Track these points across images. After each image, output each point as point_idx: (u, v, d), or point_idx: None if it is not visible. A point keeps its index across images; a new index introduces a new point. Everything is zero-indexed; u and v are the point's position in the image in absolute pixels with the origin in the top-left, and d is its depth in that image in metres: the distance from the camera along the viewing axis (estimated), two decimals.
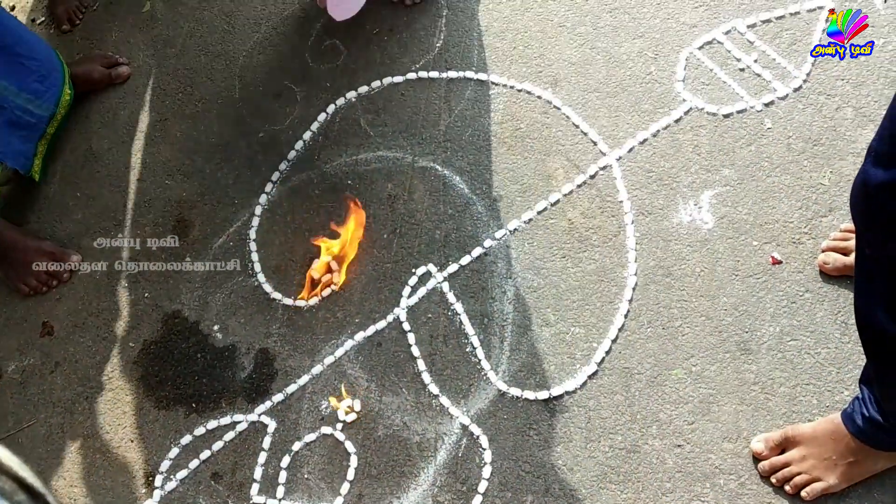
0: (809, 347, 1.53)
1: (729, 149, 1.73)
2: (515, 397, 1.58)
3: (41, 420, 1.69)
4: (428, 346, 1.64)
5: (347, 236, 1.73)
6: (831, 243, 1.59)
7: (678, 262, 1.65)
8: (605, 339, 1.60)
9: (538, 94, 1.87)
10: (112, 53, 2.13)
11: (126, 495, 1.59)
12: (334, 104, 1.95)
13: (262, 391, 1.65)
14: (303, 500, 1.54)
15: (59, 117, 1.96)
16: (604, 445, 1.52)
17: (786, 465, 1.42)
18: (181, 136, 1.98)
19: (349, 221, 1.75)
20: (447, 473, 1.53)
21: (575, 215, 1.73)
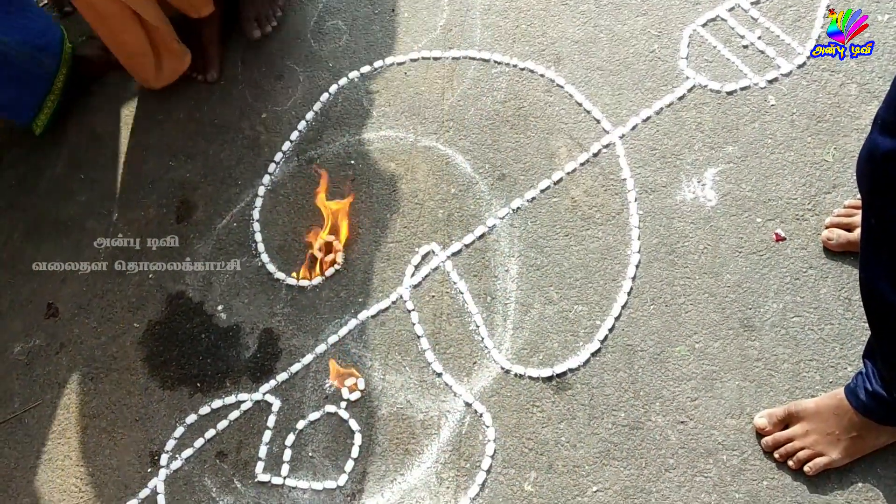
0: (813, 324, 1.53)
1: (732, 126, 1.73)
2: (519, 375, 1.58)
3: (47, 401, 1.70)
4: (431, 324, 1.65)
5: (330, 210, 1.75)
6: (835, 219, 1.58)
7: (681, 240, 1.64)
8: (609, 317, 1.60)
9: (541, 73, 1.87)
10: None
11: (132, 474, 1.60)
12: (336, 84, 1.94)
13: (267, 370, 1.66)
14: (307, 477, 1.55)
15: (64, 71, 1.96)
16: (607, 422, 1.52)
17: (789, 441, 1.42)
18: (184, 118, 1.98)
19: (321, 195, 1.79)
20: (451, 451, 1.53)
21: (578, 193, 1.72)
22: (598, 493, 1.47)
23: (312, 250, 1.72)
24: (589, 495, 1.47)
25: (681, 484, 1.45)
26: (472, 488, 1.50)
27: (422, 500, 1.50)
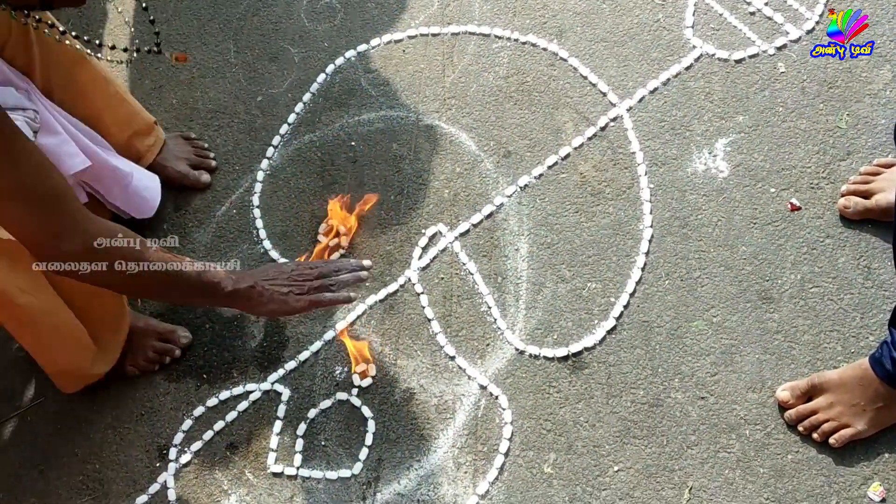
0: (832, 294, 1.51)
1: (742, 95, 1.69)
2: (534, 356, 1.55)
3: (50, 397, 1.65)
4: (442, 307, 1.61)
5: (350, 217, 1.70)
6: (851, 187, 1.56)
7: (694, 213, 1.61)
8: (623, 294, 1.57)
9: (544, 46, 1.82)
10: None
11: (140, 469, 1.56)
12: (333, 64, 1.89)
13: (274, 359, 1.62)
14: (321, 467, 1.52)
15: None
16: (625, 400, 1.49)
17: (813, 413, 1.40)
18: (177, 104, 1.92)
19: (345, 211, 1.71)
20: (467, 435, 1.50)
21: (587, 168, 1.69)
22: (619, 472, 1.44)
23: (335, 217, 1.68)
24: (610, 475, 1.44)
25: (704, 461, 1.43)
26: (491, 472, 1.47)
27: (439, 485, 1.47)
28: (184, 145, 1.80)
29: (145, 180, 1.66)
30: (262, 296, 1.33)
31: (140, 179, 1.64)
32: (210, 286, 1.29)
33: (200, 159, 1.80)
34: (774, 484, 1.40)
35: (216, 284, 1.29)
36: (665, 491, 1.42)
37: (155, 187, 1.69)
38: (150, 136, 1.71)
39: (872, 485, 1.37)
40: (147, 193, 1.67)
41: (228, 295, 1.30)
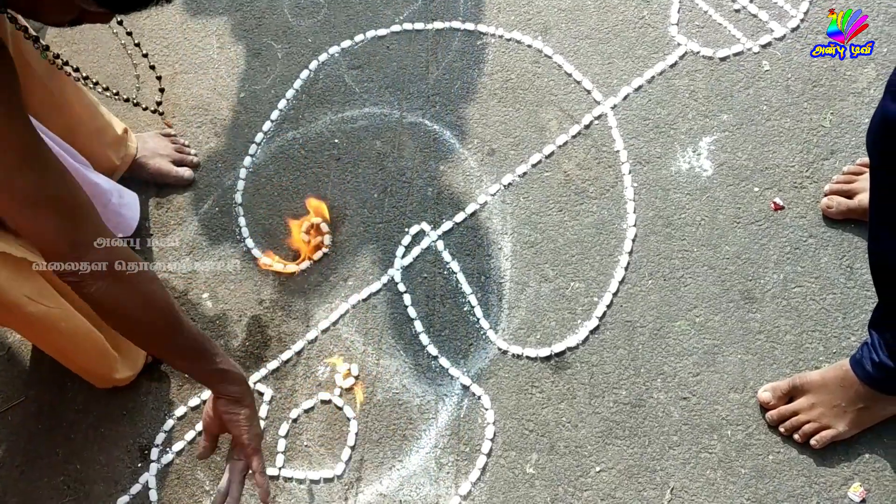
0: (814, 294, 1.51)
1: (726, 93, 1.69)
2: (516, 355, 1.54)
3: (31, 397, 1.64)
4: (425, 306, 1.60)
5: None
6: (834, 186, 1.55)
7: (678, 212, 1.61)
8: (606, 293, 1.56)
9: (528, 43, 1.81)
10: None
11: (122, 469, 1.56)
12: (317, 60, 1.88)
13: (256, 359, 1.61)
14: (303, 467, 1.51)
15: None
16: (608, 401, 1.49)
17: (794, 414, 1.40)
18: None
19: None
20: (450, 435, 1.50)
21: (570, 167, 1.68)
22: (601, 472, 1.44)
23: (295, 240, 1.67)
24: (592, 476, 1.44)
25: (685, 461, 1.43)
26: (473, 472, 1.47)
27: (422, 486, 1.47)
28: (164, 142, 1.79)
29: (125, 197, 1.65)
30: (243, 401, 1.27)
31: (120, 197, 1.62)
32: (208, 352, 1.22)
33: (181, 156, 1.79)
34: (756, 484, 1.40)
35: (214, 354, 1.23)
36: (647, 491, 1.43)
37: (134, 205, 1.68)
38: (122, 146, 1.69)
39: (853, 485, 1.38)
40: (126, 211, 1.65)
41: (220, 371, 1.23)
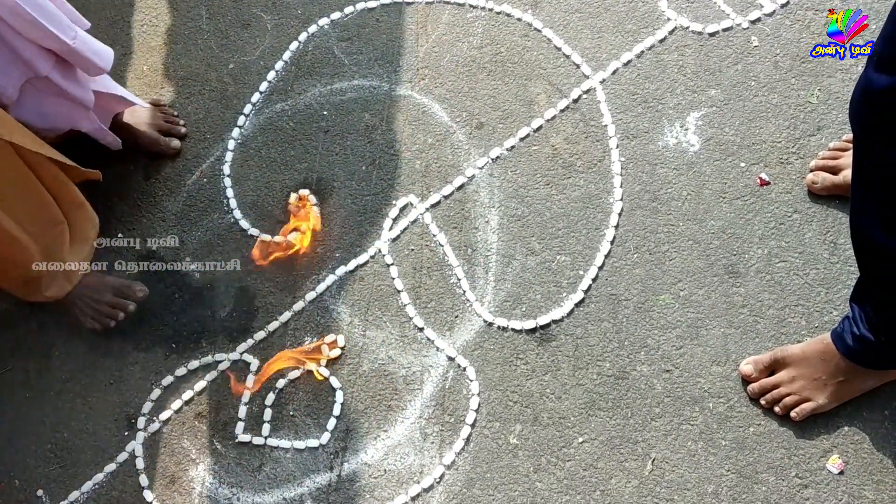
0: (798, 268, 1.51)
1: (715, 68, 1.69)
2: (502, 328, 1.55)
3: (17, 367, 1.65)
4: (411, 278, 1.61)
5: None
6: (820, 162, 1.56)
7: (664, 186, 1.61)
8: (592, 267, 1.57)
9: (518, 17, 1.80)
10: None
11: (109, 438, 1.57)
12: (306, 32, 1.87)
13: (243, 329, 1.62)
14: (289, 437, 1.52)
15: None
16: (592, 373, 1.50)
17: (775, 387, 1.41)
18: (148, 70, 1.89)
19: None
20: (434, 406, 1.51)
21: (558, 141, 1.68)
22: (584, 443, 1.46)
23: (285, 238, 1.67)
24: (575, 446, 1.46)
25: (667, 433, 1.45)
26: (457, 443, 1.48)
27: (406, 455, 1.49)
28: (153, 112, 1.78)
29: (92, 43, 1.51)
30: None
31: (85, 42, 1.48)
32: None
33: (170, 126, 1.78)
34: (736, 456, 1.42)
35: None
36: (628, 462, 1.44)
37: (106, 50, 1.54)
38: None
39: (831, 457, 1.39)
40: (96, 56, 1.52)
41: None
